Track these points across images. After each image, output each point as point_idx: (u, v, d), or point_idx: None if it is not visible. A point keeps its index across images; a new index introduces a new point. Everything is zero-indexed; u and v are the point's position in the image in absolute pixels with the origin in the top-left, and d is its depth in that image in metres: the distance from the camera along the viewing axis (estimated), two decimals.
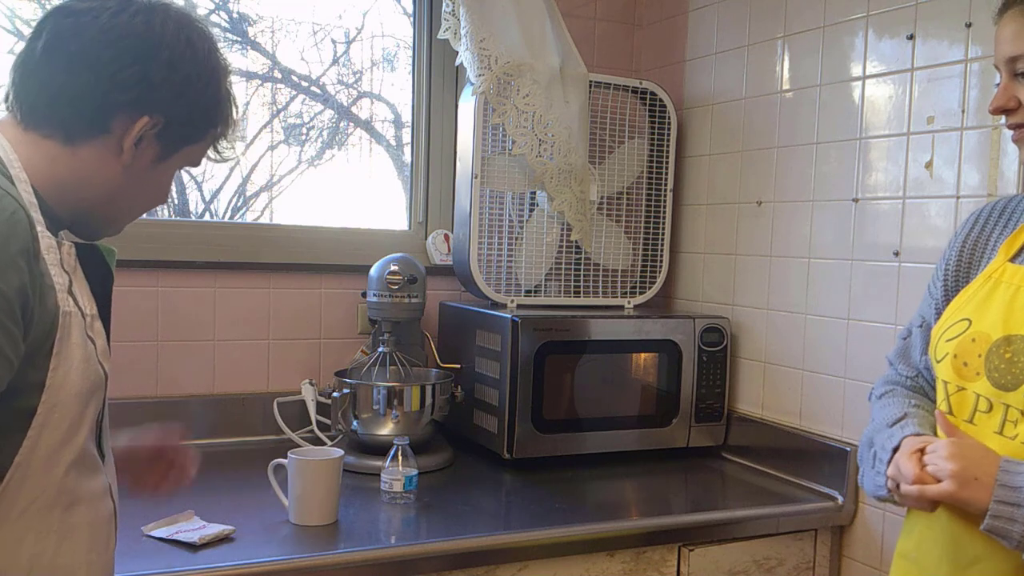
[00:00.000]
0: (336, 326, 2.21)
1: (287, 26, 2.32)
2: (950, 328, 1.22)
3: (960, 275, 1.28)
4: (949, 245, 1.32)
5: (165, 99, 1.00)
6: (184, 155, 1.07)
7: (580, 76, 2.12)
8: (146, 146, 1.01)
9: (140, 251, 2.01)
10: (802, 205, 1.98)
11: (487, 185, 2.09)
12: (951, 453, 1.09)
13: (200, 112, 1.05)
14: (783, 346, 2.03)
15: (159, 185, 1.08)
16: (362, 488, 1.78)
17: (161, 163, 1.05)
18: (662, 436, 2.08)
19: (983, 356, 1.15)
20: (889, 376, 1.40)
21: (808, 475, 1.92)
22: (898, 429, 1.23)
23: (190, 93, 1.02)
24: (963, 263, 1.28)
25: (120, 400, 1.97)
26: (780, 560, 1.81)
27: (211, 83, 1.05)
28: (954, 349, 1.19)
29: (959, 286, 1.27)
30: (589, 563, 1.63)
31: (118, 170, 1.01)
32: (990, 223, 1.28)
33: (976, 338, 1.17)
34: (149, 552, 1.39)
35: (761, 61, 2.09)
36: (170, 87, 1.00)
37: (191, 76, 1.02)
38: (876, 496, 1.25)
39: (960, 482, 1.07)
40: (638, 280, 2.30)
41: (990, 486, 1.06)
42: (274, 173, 2.38)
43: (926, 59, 1.70)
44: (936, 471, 1.10)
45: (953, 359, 1.19)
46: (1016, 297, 1.15)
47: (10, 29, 1.99)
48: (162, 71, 0.99)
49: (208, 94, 1.05)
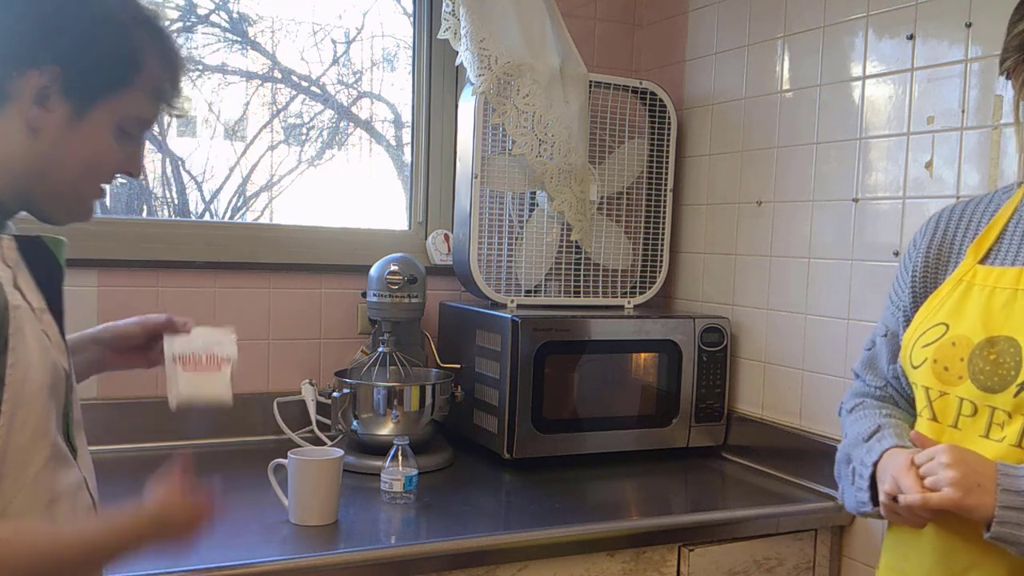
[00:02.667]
0: (336, 326, 2.21)
1: (287, 26, 2.32)
2: (925, 334, 1.21)
3: (928, 280, 1.28)
4: (910, 252, 1.32)
5: (56, 48, 0.93)
6: (110, 110, 0.98)
7: (580, 76, 2.12)
8: (55, 104, 0.94)
9: (140, 251, 2.01)
10: (802, 205, 1.98)
11: (487, 185, 2.09)
12: (951, 460, 1.06)
13: (107, 59, 0.96)
14: (783, 346, 2.03)
15: (94, 147, 0.99)
16: (362, 488, 1.78)
17: (81, 121, 0.97)
18: (662, 436, 2.08)
19: (966, 360, 1.14)
20: (857, 388, 1.38)
21: (808, 475, 1.92)
22: (875, 442, 1.21)
23: (86, 39, 0.94)
24: (930, 268, 1.28)
25: (120, 400, 1.97)
26: (780, 560, 1.81)
27: (115, 26, 0.97)
28: (933, 354, 1.18)
29: (927, 291, 1.27)
30: (589, 563, 1.63)
31: (32, 137, 0.95)
32: (952, 226, 1.28)
33: (956, 342, 1.16)
34: None
35: (761, 61, 2.09)
36: (59, 35, 0.93)
37: (82, 19, 0.94)
38: (860, 512, 1.23)
39: (964, 489, 1.04)
40: (638, 280, 2.30)
41: (993, 492, 1.03)
42: (274, 173, 2.38)
43: (926, 59, 1.70)
44: (935, 481, 1.07)
45: (933, 364, 1.18)
46: (992, 298, 1.15)
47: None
48: (47, 20, 0.92)
49: (112, 38, 0.96)
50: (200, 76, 2.27)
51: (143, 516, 1.01)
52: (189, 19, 2.23)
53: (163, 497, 1.03)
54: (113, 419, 1.95)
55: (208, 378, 1.27)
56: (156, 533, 1.01)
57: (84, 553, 0.94)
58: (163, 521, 1.02)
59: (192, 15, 2.23)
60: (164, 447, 1.91)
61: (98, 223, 2.05)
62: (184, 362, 1.26)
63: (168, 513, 1.02)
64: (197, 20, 2.24)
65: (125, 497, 1.09)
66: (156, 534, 1.02)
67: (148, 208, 2.29)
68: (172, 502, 1.03)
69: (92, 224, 2.00)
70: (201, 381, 1.26)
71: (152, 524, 1.01)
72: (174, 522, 1.03)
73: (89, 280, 1.96)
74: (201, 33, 2.25)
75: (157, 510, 1.01)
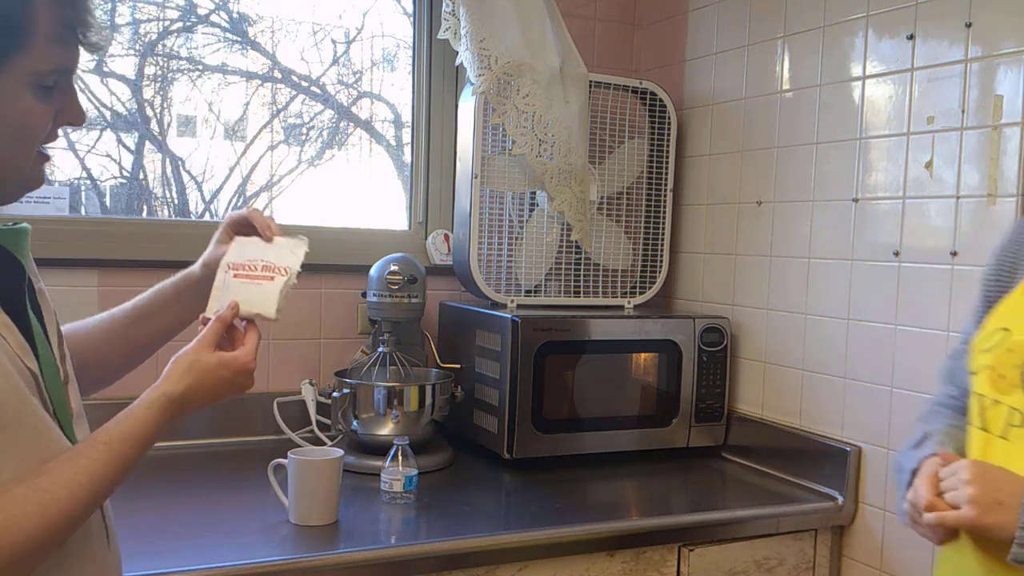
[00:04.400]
0: (336, 326, 2.21)
1: (287, 26, 2.32)
2: (987, 338, 1.15)
3: (1001, 284, 1.22)
4: (989, 255, 1.27)
5: None
6: (16, 76, 0.89)
7: (580, 76, 2.12)
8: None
9: (140, 251, 2.01)
10: (802, 205, 1.98)
11: (487, 185, 2.09)
12: (971, 476, 1.02)
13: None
14: (783, 346, 2.03)
15: (15, 115, 0.90)
16: (362, 488, 1.77)
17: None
18: (662, 436, 2.08)
19: (1019, 367, 1.07)
20: (936, 398, 1.33)
21: (808, 475, 1.92)
22: (919, 450, 1.17)
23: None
24: (1004, 271, 1.22)
25: (120, 400, 1.96)
26: (780, 560, 1.81)
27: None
28: (991, 360, 1.12)
29: (999, 295, 1.21)
30: (589, 563, 1.63)
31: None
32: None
33: (1013, 348, 1.09)
34: None
35: (761, 61, 2.09)
36: None
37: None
38: (903, 522, 1.17)
39: (982, 508, 0.99)
40: (638, 280, 2.30)
41: (1016, 510, 0.98)
42: (274, 173, 2.38)
43: (926, 59, 1.70)
44: (954, 497, 1.03)
45: (990, 371, 1.11)
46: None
47: None
48: None
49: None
50: (200, 76, 2.27)
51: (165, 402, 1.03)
52: (189, 19, 2.23)
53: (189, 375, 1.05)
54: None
55: (257, 288, 1.15)
56: (189, 408, 1.05)
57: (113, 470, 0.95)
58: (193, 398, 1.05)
59: (192, 15, 2.23)
60: (164, 447, 1.90)
61: (98, 223, 2.05)
62: (237, 268, 1.16)
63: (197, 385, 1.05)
64: (197, 20, 2.24)
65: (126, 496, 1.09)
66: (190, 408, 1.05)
67: (148, 208, 2.29)
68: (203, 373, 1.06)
69: (92, 224, 2.02)
70: (248, 290, 1.14)
71: (178, 404, 1.04)
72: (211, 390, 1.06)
73: (89, 280, 1.96)
74: (201, 33, 2.25)
75: (182, 391, 1.04)
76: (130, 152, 2.23)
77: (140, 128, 2.23)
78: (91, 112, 2.17)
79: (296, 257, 1.18)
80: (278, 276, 1.16)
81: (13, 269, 0.96)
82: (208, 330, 1.10)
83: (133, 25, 2.18)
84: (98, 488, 0.93)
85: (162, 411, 1.03)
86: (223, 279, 1.16)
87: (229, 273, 1.16)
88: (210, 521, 1.56)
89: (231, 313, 1.12)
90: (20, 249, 0.97)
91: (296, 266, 1.18)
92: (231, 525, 1.55)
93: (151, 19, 2.22)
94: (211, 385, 1.07)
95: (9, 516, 0.84)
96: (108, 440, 0.96)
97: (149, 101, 2.23)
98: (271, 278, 1.16)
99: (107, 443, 0.96)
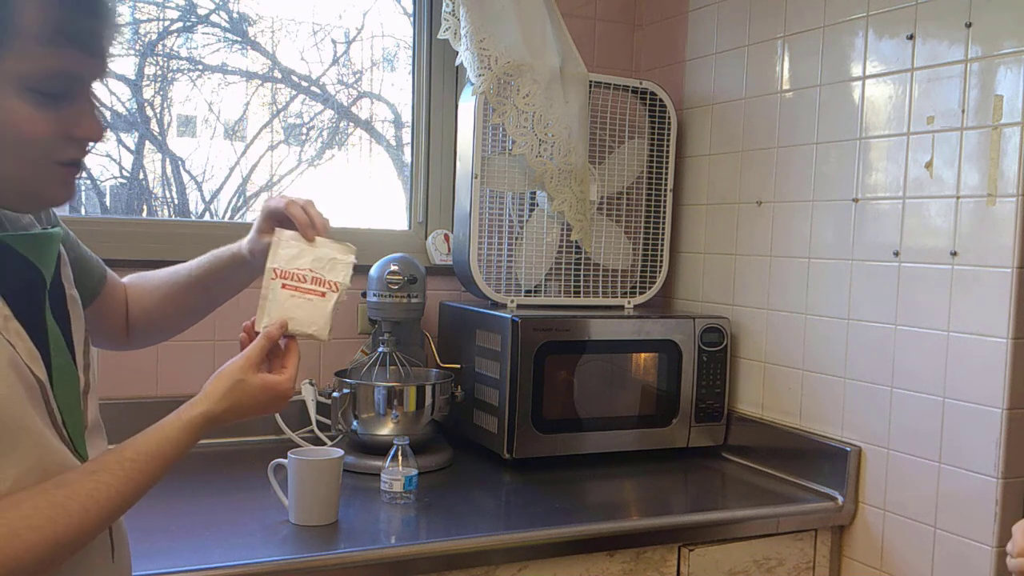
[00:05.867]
0: (336, 326, 2.20)
1: (287, 26, 2.32)
2: None
3: None
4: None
5: None
6: (5, 71, 0.84)
7: (580, 76, 2.12)
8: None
9: (141, 251, 2.01)
10: (802, 205, 1.98)
11: (487, 185, 2.09)
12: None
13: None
14: (783, 346, 2.03)
15: (3, 123, 0.85)
16: (362, 488, 1.78)
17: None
18: (662, 436, 2.08)
19: None
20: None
21: (808, 475, 1.93)
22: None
23: None
24: None
25: (120, 400, 1.97)
26: (780, 560, 1.81)
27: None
28: None
29: None
30: (589, 563, 1.63)
31: None
32: None
33: None
34: None
35: (761, 61, 2.09)
36: None
37: None
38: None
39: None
40: (638, 280, 2.30)
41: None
42: (274, 173, 2.38)
43: (926, 59, 1.70)
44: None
45: None
46: None
47: None
48: None
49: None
50: (200, 76, 2.27)
51: (202, 423, 1.02)
52: (189, 19, 2.23)
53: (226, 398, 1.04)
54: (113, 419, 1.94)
55: (307, 304, 1.11)
56: (219, 425, 1.04)
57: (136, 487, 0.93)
58: (228, 417, 1.04)
59: (192, 15, 2.23)
60: None
61: (98, 223, 2.05)
62: (285, 278, 1.10)
63: (237, 406, 1.04)
64: (197, 20, 2.24)
65: None
66: (220, 425, 1.04)
67: (148, 208, 2.29)
68: (240, 398, 1.04)
69: (92, 224, 2.02)
70: (299, 306, 1.10)
71: (214, 423, 1.03)
72: (247, 411, 1.05)
73: None
74: (201, 33, 2.25)
75: (220, 412, 1.03)
76: (130, 152, 2.23)
77: (140, 128, 2.23)
78: None
79: (346, 270, 1.15)
80: (329, 293, 1.13)
81: (30, 275, 0.93)
82: (255, 348, 1.08)
83: (133, 25, 2.18)
84: (115, 506, 0.91)
85: (198, 431, 1.01)
86: (270, 288, 1.11)
87: (277, 282, 1.12)
88: (210, 521, 1.56)
89: (279, 332, 1.10)
90: (39, 255, 0.94)
91: (347, 281, 1.15)
92: (231, 525, 1.55)
93: (151, 19, 2.22)
94: (248, 407, 1.06)
95: (14, 528, 0.83)
96: (135, 458, 0.94)
97: (149, 101, 2.23)
98: (322, 294, 1.12)
99: (134, 460, 0.93)
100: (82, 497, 0.88)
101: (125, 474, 0.92)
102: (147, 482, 0.95)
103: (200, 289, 1.27)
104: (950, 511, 1.65)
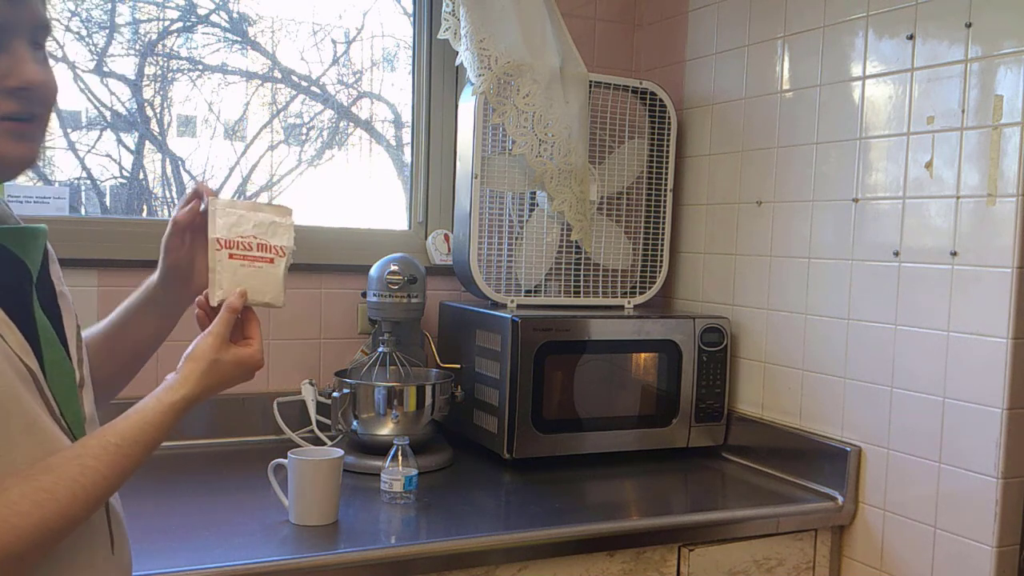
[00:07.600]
0: (336, 326, 2.21)
1: (287, 26, 2.32)
2: None
3: None
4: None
5: None
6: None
7: (580, 76, 2.12)
8: None
9: (140, 251, 2.01)
10: (802, 205, 1.98)
11: (487, 185, 2.09)
12: None
13: None
14: (783, 346, 2.03)
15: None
16: (362, 488, 1.78)
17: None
18: (662, 436, 2.08)
19: None
20: None
21: (808, 475, 1.93)
22: None
23: None
24: None
25: (120, 400, 1.97)
26: (780, 560, 1.81)
27: None
28: None
29: None
30: (589, 563, 1.63)
31: None
32: None
33: None
34: None
35: (761, 61, 2.09)
36: None
37: None
38: None
39: None
40: (638, 280, 2.30)
41: None
42: (274, 173, 2.38)
43: (926, 59, 1.70)
44: None
45: None
46: None
47: None
48: None
49: None
50: (200, 76, 2.27)
51: (183, 406, 1.02)
52: (189, 19, 2.23)
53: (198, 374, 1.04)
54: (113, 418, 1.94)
55: (258, 272, 1.09)
56: (197, 400, 1.04)
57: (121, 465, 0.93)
58: (205, 396, 1.04)
59: (192, 15, 2.23)
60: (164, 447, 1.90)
61: (98, 223, 2.05)
62: (231, 247, 1.08)
63: (216, 385, 1.04)
64: (197, 20, 2.24)
65: (126, 496, 1.09)
66: (198, 400, 1.04)
67: (148, 208, 2.29)
68: (213, 373, 1.04)
69: (92, 224, 2.02)
70: (251, 275, 1.09)
71: (193, 404, 1.03)
72: (222, 387, 1.06)
73: (89, 280, 1.96)
74: (201, 33, 2.25)
75: (199, 392, 1.03)
76: (130, 152, 2.23)
77: (140, 128, 2.23)
78: (91, 112, 2.17)
79: (288, 233, 1.13)
80: (277, 259, 1.11)
81: (16, 269, 0.92)
82: (221, 324, 1.08)
83: (133, 25, 2.18)
84: (101, 491, 0.91)
85: (180, 415, 1.02)
86: (216, 259, 1.09)
87: (223, 252, 1.09)
88: (210, 521, 1.56)
89: (241, 302, 1.09)
90: (25, 249, 0.93)
91: (292, 244, 1.13)
92: (231, 525, 1.55)
93: (151, 19, 2.22)
94: (224, 383, 1.07)
95: (1, 515, 0.83)
96: (120, 443, 0.94)
97: (149, 101, 2.23)
98: (270, 260, 1.11)
99: (119, 445, 0.94)
100: (68, 482, 0.88)
101: (110, 459, 0.92)
102: (131, 466, 0.95)
103: (121, 333, 1.22)
104: (950, 511, 1.65)
